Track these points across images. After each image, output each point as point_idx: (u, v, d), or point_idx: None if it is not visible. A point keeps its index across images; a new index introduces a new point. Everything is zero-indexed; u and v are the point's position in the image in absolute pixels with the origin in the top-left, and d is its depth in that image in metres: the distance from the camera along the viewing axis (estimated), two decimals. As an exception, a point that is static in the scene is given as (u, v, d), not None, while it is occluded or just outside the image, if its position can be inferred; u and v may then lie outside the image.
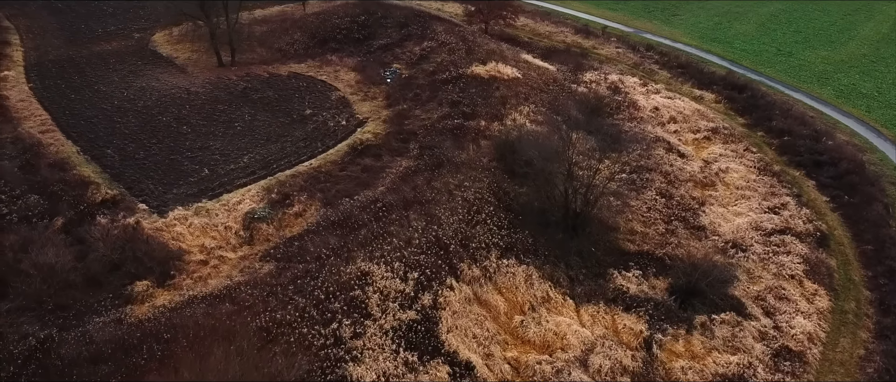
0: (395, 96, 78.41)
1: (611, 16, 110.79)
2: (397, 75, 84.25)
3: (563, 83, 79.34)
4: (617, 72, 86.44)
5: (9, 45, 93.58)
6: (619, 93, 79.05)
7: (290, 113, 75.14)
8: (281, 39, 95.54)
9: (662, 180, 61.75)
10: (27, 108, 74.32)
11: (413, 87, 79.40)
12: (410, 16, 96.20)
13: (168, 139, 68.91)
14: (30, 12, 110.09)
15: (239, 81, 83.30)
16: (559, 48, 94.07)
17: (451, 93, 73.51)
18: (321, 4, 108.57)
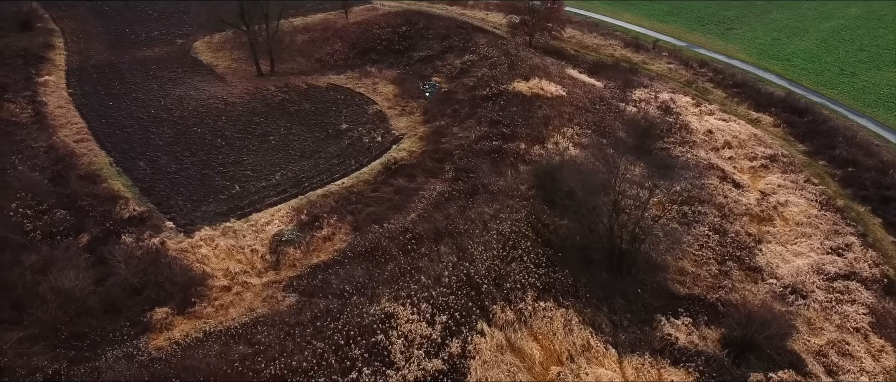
0: (432, 112, 75.24)
1: (662, 28, 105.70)
2: (437, 89, 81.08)
3: (611, 102, 75.00)
4: (668, 90, 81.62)
5: (52, 49, 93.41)
6: (670, 113, 74.37)
7: (325, 127, 72.62)
8: (321, 49, 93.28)
9: (716, 213, 57.12)
10: (64, 115, 73.38)
11: (452, 102, 76.10)
12: (453, 27, 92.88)
13: (201, 152, 67.01)
14: (77, 15, 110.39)
15: (277, 92, 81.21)
16: (607, 63, 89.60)
17: (491, 110, 69.96)
18: (364, 13, 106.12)
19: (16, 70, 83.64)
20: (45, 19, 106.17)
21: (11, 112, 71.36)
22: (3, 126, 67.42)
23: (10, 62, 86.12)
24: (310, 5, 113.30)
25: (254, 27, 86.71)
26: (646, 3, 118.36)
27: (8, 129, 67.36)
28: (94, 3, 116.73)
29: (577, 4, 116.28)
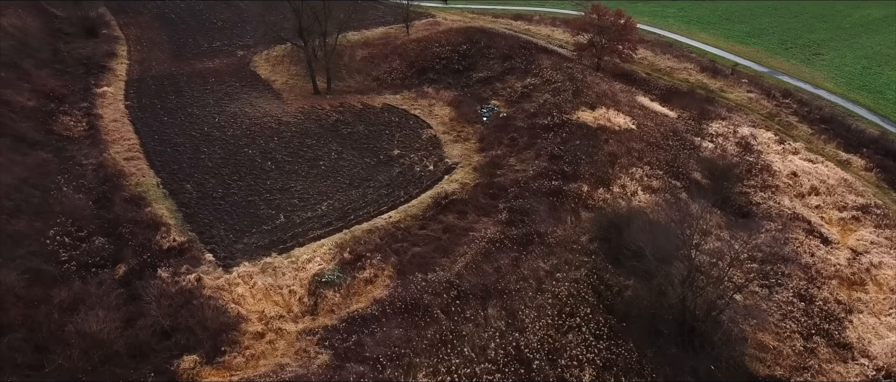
0: (489, 139, 70.46)
1: (742, 51, 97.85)
2: (495, 113, 76.24)
3: (685, 136, 68.54)
4: (748, 123, 74.40)
5: (115, 58, 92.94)
6: (750, 151, 67.39)
7: (377, 152, 68.82)
8: (379, 67, 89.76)
9: (802, 275, 50.38)
10: (118, 129, 71.93)
11: (510, 129, 71.13)
12: (515, 47, 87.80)
13: (250, 176, 64.15)
14: (143, 22, 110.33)
15: (331, 111, 77.99)
16: (681, 89, 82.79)
17: (552, 142, 64.65)
18: (425, 28, 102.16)
19: (76, 80, 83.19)
20: (112, 26, 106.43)
21: (66, 125, 70.26)
22: (55, 141, 66.18)
23: (71, 71, 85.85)
24: (372, 17, 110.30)
25: (313, 42, 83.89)
26: (724, 22, 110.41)
27: (60, 144, 66.09)
28: (161, 10, 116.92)
29: (649, 21, 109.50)
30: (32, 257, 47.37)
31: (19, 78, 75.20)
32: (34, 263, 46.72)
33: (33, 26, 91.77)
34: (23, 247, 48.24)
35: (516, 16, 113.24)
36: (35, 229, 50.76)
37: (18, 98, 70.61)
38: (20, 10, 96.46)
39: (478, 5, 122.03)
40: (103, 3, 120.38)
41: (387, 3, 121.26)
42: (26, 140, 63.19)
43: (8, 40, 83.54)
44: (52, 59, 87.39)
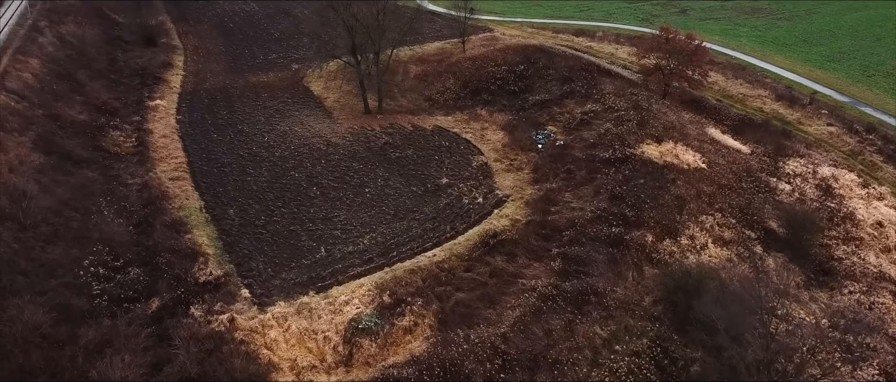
0: (544, 170, 65.96)
1: (821, 77, 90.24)
2: (551, 140, 71.68)
3: (760, 175, 62.48)
4: (829, 162, 67.63)
5: (171, 68, 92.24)
6: (831, 196, 60.96)
7: (425, 180, 65.22)
8: (432, 86, 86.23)
9: (889, 349, 44.29)
10: (167, 147, 70.50)
11: (567, 160, 66.45)
12: (576, 68, 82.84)
13: (294, 202, 61.49)
14: (202, 31, 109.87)
15: (381, 132, 74.85)
16: (755, 120, 76.25)
17: (613, 179, 59.71)
18: (482, 44, 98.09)
19: (130, 91, 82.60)
20: (171, 34, 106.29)
21: (115, 141, 69.19)
22: (102, 159, 65.04)
23: (126, 81, 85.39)
24: (428, 31, 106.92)
25: (369, 56, 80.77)
26: (801, 44, 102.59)
27: (107, 162, 64.93)
28: (221, 19, 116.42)
29: (720, 41, 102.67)
30: (64, 289, 45.54)
31: (72, 90, 74.73)
32: (65, 296, 44.85)
33: (91, 35, 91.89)
34: (56, 277, 46.51)
35: (578, 31, 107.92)
36: (71, 257, 49.07)
37: (70, 112, 69.92)
38: (80, 16, 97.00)
39: (538, 19, 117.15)
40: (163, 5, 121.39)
41: (444, 16, 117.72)
42: (73, 158, 62.11)
43: (66, 50, 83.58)
44: (108, 68, 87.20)
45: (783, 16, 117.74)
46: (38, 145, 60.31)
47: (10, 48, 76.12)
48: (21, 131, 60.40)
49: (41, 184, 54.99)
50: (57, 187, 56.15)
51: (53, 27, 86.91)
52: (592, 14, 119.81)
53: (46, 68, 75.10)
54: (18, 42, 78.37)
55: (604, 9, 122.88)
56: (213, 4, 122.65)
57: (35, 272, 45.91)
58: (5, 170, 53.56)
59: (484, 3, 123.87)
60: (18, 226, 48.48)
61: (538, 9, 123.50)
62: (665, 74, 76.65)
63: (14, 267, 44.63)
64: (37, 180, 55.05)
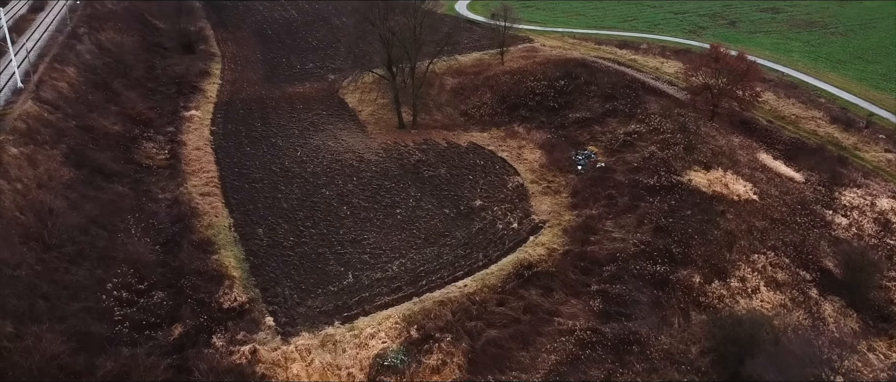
0: (583, 195, 62.63)
1: (877, 98, 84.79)
2: (592, 161, 68.28)
3: (814, 208, 58.20)
4: (887, 193, 62.88)
5: (208, 77, 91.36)
6: (890, 232, 56.40)
7: (457, 202, 62.52)
8: (469, 100, 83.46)
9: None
10: (199, 160, 69.21)
11: (608, 184, 63.02)
12: (619, 85, 79.15)
13: (324, 223, 59.40)
14: (240, 38, 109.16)
15: (415, 149, 72.43)
16: (808, 144, 71.65)
17: (658, 210, 56.16)
18: (521, 56, 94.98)
19: (166, 100, 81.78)
20: (210, 41, 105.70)
21: (148, 153, 68.20)
22: (133, 172, 63.94)
23: (162, 90, 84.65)
24: (466, 41, 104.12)
25: (405, 67, 78.24)
26: (856, 61, 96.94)
27: (138, 176, 63.80)
28: (260, 25, 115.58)
29: (770, 56, 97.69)
30: (85, 314, 44.06)
31: (108, 100, 74.04)
32: (86, 322, 43.34)
33: (130, 42, 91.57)
34: (78, 301, 45.10)
35: (622, 43, 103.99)
36: (95, 279, 47.66)
37: (104, 122, 69.14)
38: (121, 22, 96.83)
39: (580, 29, 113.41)
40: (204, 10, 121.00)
41: (483, 25, 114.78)
42: (104, 171, 61.06)
43: (104, 57, 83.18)
44: (145, 76, 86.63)
45: (837, 30, 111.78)
46: (69, 159, 59.37)
47: (47, 56, 75.90)
48: (52, 144, 59.53)
49: (69, 200, 53.88)
50: (86, 204, 54.99)
51: (92, 34, 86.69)
52: (637, 25, 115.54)
53: (83, 77, 74.58)
54: (56, 49, 78.16)
55: (649, 19, 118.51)
56: (253, 10, 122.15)
57: (57, 295, 44.54)
58: (34, 186, 52.57)
59: (524, 11, 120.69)
60: (43, 246, 47.26)
61: (580, 19, 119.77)
62: (714, 93, 72.46)
63: (35, 291, 43.30)
64: (65, 197, 53.98)
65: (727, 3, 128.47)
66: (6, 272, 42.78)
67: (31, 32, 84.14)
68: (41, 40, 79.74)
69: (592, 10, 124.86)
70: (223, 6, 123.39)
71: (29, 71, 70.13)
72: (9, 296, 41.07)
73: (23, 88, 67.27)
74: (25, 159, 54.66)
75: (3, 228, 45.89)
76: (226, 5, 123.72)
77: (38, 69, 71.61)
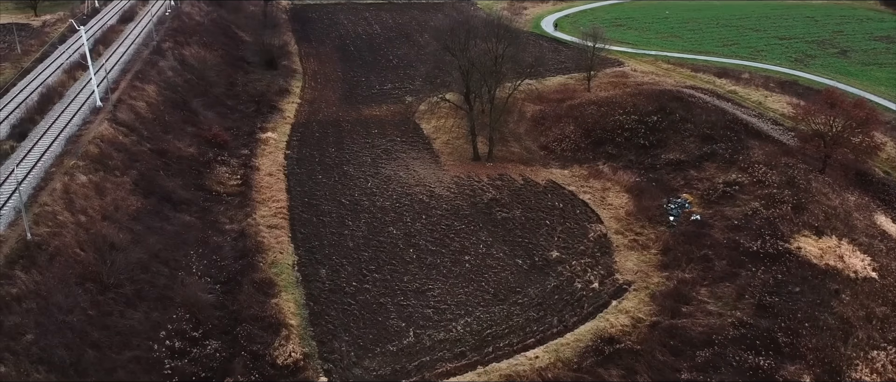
0: (675, 253, 55.85)
1: None
2: (685, 212, 61.30)
3: (947, 291, 49.27)
4: None
5: (287, 95, 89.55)
6: None
7: (532, 252, 57.11)
8: (549, 132, 77.73)
9: None
10: (271, 187, 66.80)
11: (704, 243, 55.91)
12: (718, 124, 71.38)
13: (388, 267, 55.39)
14: (323, 54, 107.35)
15: (488, 185, 67.50)
16: (937, 204, 61.95)
17: (761, 282, 48.83)
18: (610, 82, 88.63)
19: (243, 121, 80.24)
20: (292, 57, 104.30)
21: (220, 178, 66.29)
22: (203, 200, 61.97)
23: (241, 109, 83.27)
24: (550, 63, 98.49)
25: (479, 98, 73.40)
26: None
27: (207, 204, 61.78)
28: (343, 40, 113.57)
29: (886, 93, 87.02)
30: (135, 365, 41.55)
31: (185, 120, 72.87)
32: (135, 374, 40.83)
33: (213, 57, 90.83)
34: (130, 349, 42.64)
35: (721, 71, 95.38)
36: (151, 322, 45.25)
37: (178, 145, 67.79)
38: (206, 36, 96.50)
39: (675, 53, 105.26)
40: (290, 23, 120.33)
41: (570, 45, 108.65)
42: (172, 200, 59.23)
43: (185, 74, 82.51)
44: (225, 93, 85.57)
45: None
46: (139, 186, 57.84)
47: (130, 72, 75.60)
48: (123, 170, 58.17)
49: (134, 233, 52.02)
50: (150, 237, 53.00)
51: (176, 49, 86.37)
52: (737, 50, 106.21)
53: (162, 96, 73.73)
54: (139, 65, 77.87)
55: (751, 45, 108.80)
56: (338, 24, 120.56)
57: (108, 343, 42.21)
58: (98, 218, 50.95)
59: (615, 31, 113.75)
60: (99, 287, 45.20)
61: (676, 42, 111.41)
62: (826, 142, 63.66)
63: (86, 339, 41.10)
64: (130, 229, 52.17)
65: (837, 28, 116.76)
66: (58, 317, 40.75)
67: (117, 45, 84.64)
68: (126, 54, 79.75)
69: (689, 32, 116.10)
70: (308, 18, 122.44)
71: (109, 89, 69.70)
72: (57, 346, 38.90)
73: (101, 106, 66.78)
74: (93, 188, 53.25)
75: (61, 267, 44.08)
76: (311, 17, 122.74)
77: (118, 87, 71.15)
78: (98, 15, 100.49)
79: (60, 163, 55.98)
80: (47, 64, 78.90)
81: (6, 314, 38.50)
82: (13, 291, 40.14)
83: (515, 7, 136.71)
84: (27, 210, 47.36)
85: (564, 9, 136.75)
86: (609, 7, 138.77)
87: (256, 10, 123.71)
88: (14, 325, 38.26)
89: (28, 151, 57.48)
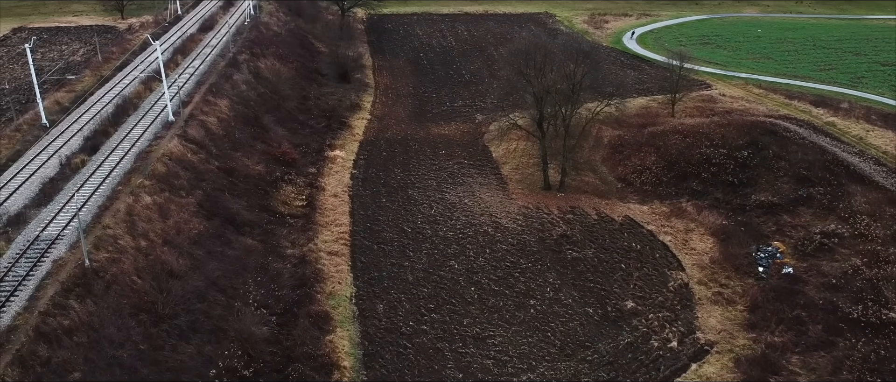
0: (764, 310, 50.04)
1: None
2: (776, 263, 55.23)
3: None
4: None
5: (358, 111, 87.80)
6: None
7: (604, 300, 52.48)
8: (628, 161, 72.50)
9: None
10: (335, 209, 64.87)
11: (797, 302, 49.90)
12: (815, 164, 64.46)
13: (447, 306, 52.06)
14: (396, 67, 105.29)
15: (559, 218, 63.21)
16: None
17: (862, 357, 42.74)
18: (695, 108, 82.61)
19: (313, 137, 78.89)
20: (366, 70, 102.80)
21: (285, 198, 64.81)
22: (266, 222, 60.36)
23: (312, 124, 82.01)
24: (631, 82, 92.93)
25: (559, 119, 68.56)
26: None
27: (270, 226, 60.17)
28: (416, 53, 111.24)
29: None
30: (182, 408, 39.89)
31: (255, 137, 71.84)
32: (178, 418, 39.12)
33: (287, 71, 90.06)
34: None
35: (818, 99, 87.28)
36: (202, 358, 43.52)
37: (246, 162, 66.73)
38: (282, 48, 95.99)
39: (767, 77, 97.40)
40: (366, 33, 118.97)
41: (653, 63, 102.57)
42: (235, 222, 57.86)
43: (259, 87, 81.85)
44: (298, 108, 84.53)
45: None
46: (203, 207, 56.74)
47: (204, 84, 75.34)
48: (189, 190, 57.23)
49: (194, 259, 50.73)
50: (210, 262, 51.60)
51: (252, 61, 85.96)
52: (836, 75, 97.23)
53: (234, 111, 73.05)
54: (214, 78, 77.60)
55: (850, 70, 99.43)
56: (413, 36, 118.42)
57: (160, 378, 40.82)
58: (159, 242, 49.85)
59: (702, 50, 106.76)
60: (154, 318, 43.87)
61: (768, 63, 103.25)
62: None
63: (135, 376, 39.64)
64: (190, 254, 50.90)
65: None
66: (108, 352, 39.45)
67: (194, 55, 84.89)
68: (202, 66, 79.72)
69: (783, 53, 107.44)
70: (384, 29, 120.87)
71: (182, 102, 69.45)
72: (103, 385, 37.64)
73: (173, 121, 66.46)
74: (157, 210, 52.34)
75: (116, 297, 42.94)
76: (386, 28, 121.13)
77: (192, 100, 70.83)
78: (180, 23, 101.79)
79: (128, 181, 55.53)
80: (126, 73, 79.79)
81: (56, 349, 37.38)
82: (65, 323, 39.07)
83: (596, 20, 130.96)
84: (87, 233, 46.71)
85: (648, 23, 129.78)
86: (696, 23, 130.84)
87: (334, 18, 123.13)
88: (62, 361, 37.05)
89: (97, 166, 57.43)
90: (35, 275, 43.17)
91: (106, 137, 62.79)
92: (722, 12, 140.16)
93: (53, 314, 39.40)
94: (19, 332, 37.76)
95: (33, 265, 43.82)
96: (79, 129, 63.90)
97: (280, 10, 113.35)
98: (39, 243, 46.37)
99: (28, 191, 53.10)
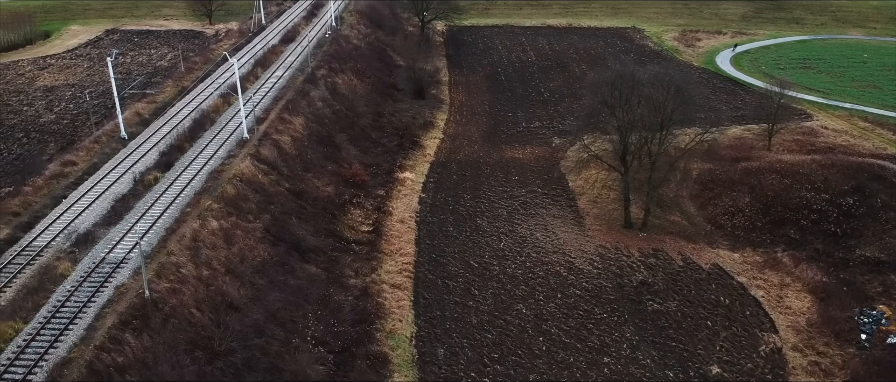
0: (871, 391, 43.66)
1: None
2: (882, 329, 48.42)
3: None
4: None
5: (431, 129, 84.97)
6: None
7: (686, 362, 47.23)
8: (719, 201, 66.27)
9: None
10: (400, 236, 62.14)
11: (912, 383, 43.24)
12: (936, 218, 56.63)
13: (512, 357, 48.07)
14: (472, 83, 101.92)
15: (639, 262, 58.10)
16: None
17: None
18: (794, 141, 75.51)
19: (384, 157, 76.59)
20: (441, 85, 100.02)
21: (352, 222, 62.68)
22: (331, 249, 58.20)
23: (384, 143, 79.78)
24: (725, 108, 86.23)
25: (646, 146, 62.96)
26: None
27: (335, 253, 58.00)
28: (494, 68, 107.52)
29: None
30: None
31: (327, 157, 70.12)
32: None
33: (363, 87, 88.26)
34: (229, 434, 39.16)
35: (939, 138, 77.81)
36: (255, 399, 41.62)
37: (316, 184, 64.99)
38: (360, 62, 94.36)
39: (874, 109, 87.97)
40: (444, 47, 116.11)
41: (748, 88, 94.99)
42: (300, 248, 55.95)
43: (335, 104, 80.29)
44: (371, 125, 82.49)
45: None
46: (270, 232, 55.10)
47: (281, 100, 74.31)
48: (257, 214, 55.76)
49: (256, 288, 48.98)
50: (271, 293, 49.73)
51: (330, 77, 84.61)
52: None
53: (308, 129, 71.56)
54: (291, 94, 76.53)
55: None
56: (492, 50, 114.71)
57: (210, 423, 39.07)
58: (222, 271, 48.37)
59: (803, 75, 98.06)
60: (209, 355, 42.12)
61: (875, 93, 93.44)
62: None
63: (183, 420, 38.03)
64: (252, 284, 49.17)
65: None
66: (159, 393, 37.98)
67: (274, 68, 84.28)
68: (281, 80, 78.83)
69: (891, 81, 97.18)
70: (463, 41, 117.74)
71: (256, 119, 68.48)
72: (151, 431, 36.05)
73: (248, 139, 65.50)
74: (222, 236, 50.98)
75: (172, 332, 41.47)
76: (465, 41, 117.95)
77: (267, 117, 69.81)
78: (263, 33, 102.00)
79: (197, 202, 54.56)
80: (207, 84, 79.89)
81: (106, 389, 36.16)
82: (119, 360, 37.77)
83: (688, 37, 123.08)
84: (152, 259, 45.72)
85: (744, 43, 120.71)
86: (795, 44, 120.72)
87: (414, 30, 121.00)
88: (112, 402, 35.80)
89: (169, 184, 56.85)
90: (96, 301, 42.30)
91: (181, 153, 62.40)
92: (824, 33, 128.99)
93: (108, 349, 38.18)
94: (72, 367, 36.64)
95: (95, 291, 43.00)
96: (155, 143, 63.87)
97: (361, 21, 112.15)
98: (104, 266, 45.64)
99: (100, 208, 52.92)
